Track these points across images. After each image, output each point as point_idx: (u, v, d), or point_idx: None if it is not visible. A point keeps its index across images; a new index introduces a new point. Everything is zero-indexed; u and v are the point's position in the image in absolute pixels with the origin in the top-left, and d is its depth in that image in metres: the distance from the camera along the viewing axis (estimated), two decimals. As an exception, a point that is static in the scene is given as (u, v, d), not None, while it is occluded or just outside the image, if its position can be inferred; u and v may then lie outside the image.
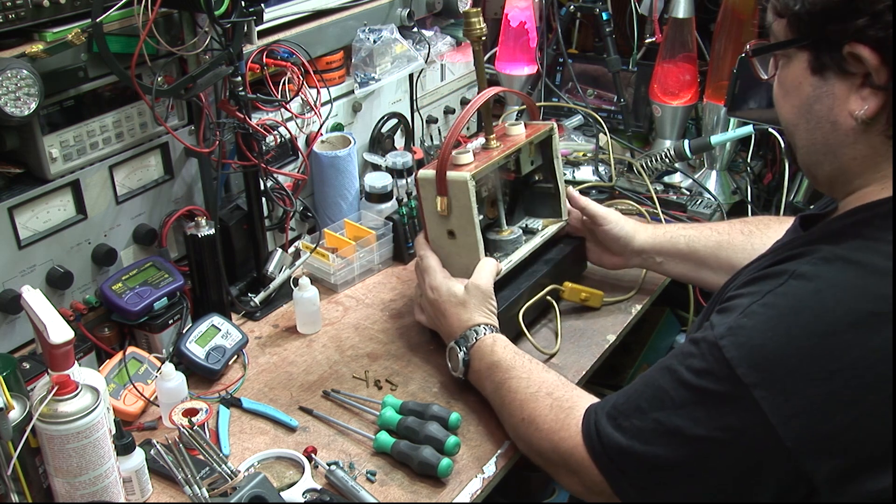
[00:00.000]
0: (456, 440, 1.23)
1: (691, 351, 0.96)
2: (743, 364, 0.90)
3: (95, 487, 1.07)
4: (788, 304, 0.91)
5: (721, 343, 0.92)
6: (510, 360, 1.27)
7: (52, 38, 1.23)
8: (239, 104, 1.47)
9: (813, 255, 0.93)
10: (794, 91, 0.98)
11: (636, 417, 1.00)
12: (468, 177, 1.35)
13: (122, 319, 1.40)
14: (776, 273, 0.94)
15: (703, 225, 1.56)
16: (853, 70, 0.90)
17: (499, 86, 1.47)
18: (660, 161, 1.92)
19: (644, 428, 0.98)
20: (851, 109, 0.92)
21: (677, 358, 0.99)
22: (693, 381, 0.94)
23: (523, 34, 2.16)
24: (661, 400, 0.98)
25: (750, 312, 0.92)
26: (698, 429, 0.93)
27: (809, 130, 0.98)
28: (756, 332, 0.91)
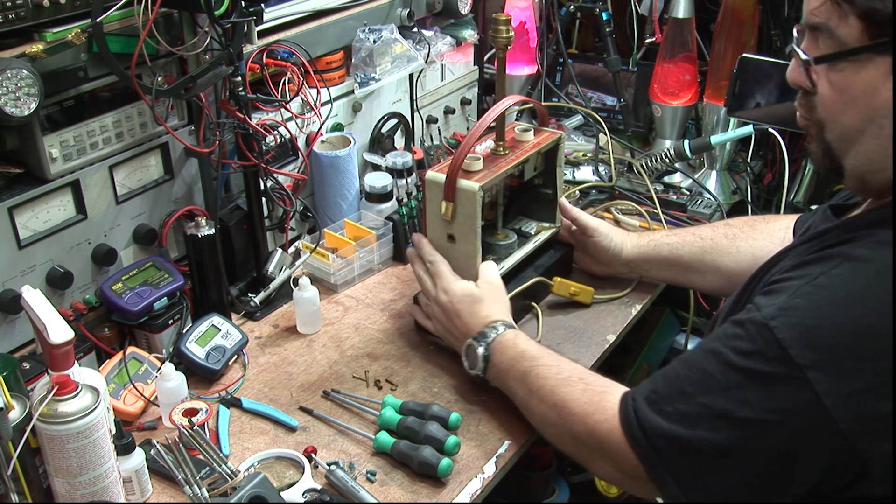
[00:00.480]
0: (456, 440, 1.23)
1: (736, 332, 0.94)
2: (796, 345, 0.88)
3: (95, 487, 1.07)
4: (844, 285, 0.89)
5: (772, 324, 0.90)
6: (536, 350, 1.25)
7: (52, 38, 1.23)
8: (239, 104, 1.47)
9: (869, 239, 0.91)
10: (863, 98, 0.91)
11: (680, 402, 0.97)
12: (477, 187, 1.35)
13: (122, 319, 1.40)
14: (829, 256, 0.92)
15: (687, 230, 1.57)
16: None
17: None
18: (660, 161, 1.92)
19: (689, 412, 0.95)
20: None
21: (720, 340, 0.96)
22: (741, 363, 0.92)
23: (523, 34, 2.16)
24: (707, 383, 0.95)
25: (803, 293, 0.90)
26: (747, 411, 0.91)
27: (880, 137, 0.92)
28: (810, 313, 0.89)
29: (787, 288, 0.93)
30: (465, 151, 1.36)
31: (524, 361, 1.24)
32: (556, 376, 1.18)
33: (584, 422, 1.10)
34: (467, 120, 2.19)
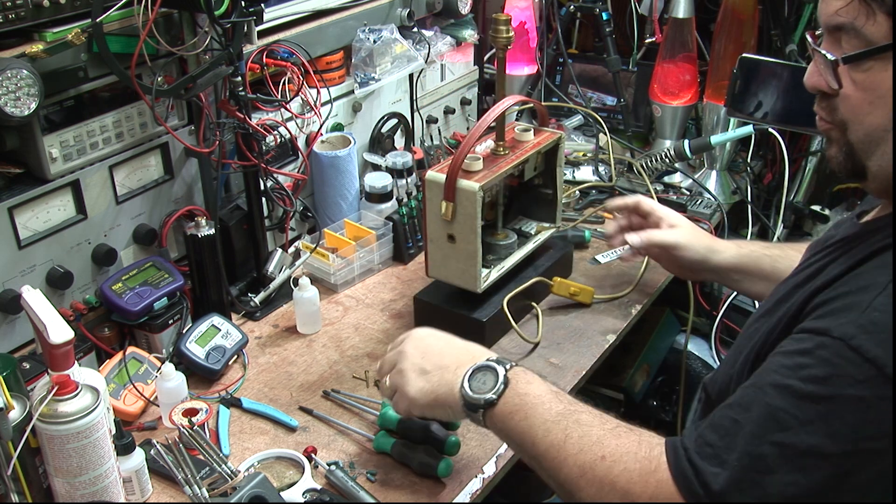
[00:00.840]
0: (456, 440, 1.23)
1: (802, 362, 0.86)
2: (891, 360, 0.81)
3: (95, 487, 1.07)
4: None
5: (854, 343, 0.82)
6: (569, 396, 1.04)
7: (52, 38, 1.23)
8: (239, 104, 1.47)
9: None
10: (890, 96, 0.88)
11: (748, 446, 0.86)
12: (477, 187, 1.35)
13: (122, 319, 1.40)
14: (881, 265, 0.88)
15: (788, 246, 1.48)
16: None
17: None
18: (660, 161, 1.92)
19: (763, 454, 0.85)
20: None
21: (779, 373, 0.87)
22: (821, 391, 0.83)
23: (523, 34, 2.16)
24: (779, 420, 0.85)
25: (878, 306, 0.84)
26: (838, 444, 0.83)
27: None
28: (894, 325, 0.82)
29: (854, 304, 0.86)
30: (465, 151, 1.36)
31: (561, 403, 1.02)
32: (601, 426, 0.99)
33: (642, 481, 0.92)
34: (467, 120, 2.19)
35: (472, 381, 1.07)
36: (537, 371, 1.09)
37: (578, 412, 1.01)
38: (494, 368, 1.06)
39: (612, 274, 1.69)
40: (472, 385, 1.06)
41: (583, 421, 0.99)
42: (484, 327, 1.45)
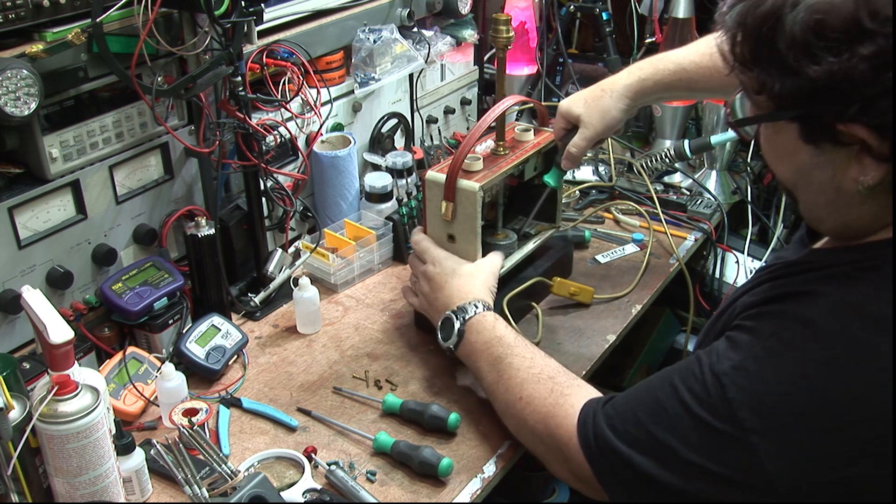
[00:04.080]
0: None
1: (695, 373, 0.95)
2: (744, 408, 0.89)
3: (95, 487, 1.07)
4: (793, 354, 0.89)
5: (723, 381, 0.91)
6: (512, 339, 1.26)
7: (52, 38, 1.23)
8: (239, 104, 1.47)
9: (819, 301, 0.90)
10: (787, 157, 0.93)
11: (632, 424, 0.99)
12: (477, 187, 1.35)
13: (122, 319, 1.40)
14: (782, 313, 0.92)
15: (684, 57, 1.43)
16: (849, 141, 0.85)
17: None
18: (660, 161, 1.92)
19: (638, 438, 0.98)
20: (854, 176, 0.87)
21: (680, 374, 0.97)
22: (693, 407, 0.93)
23: (523, 34, 2.16)
24: (659, 414, 0.96)
25: (754, 356, 0.91)
26: (693, 454, 0.92)
27: (811, 193, 0.94)
28: (759, 378, 0.89)
29: (743, 343, 0.93)
30: (465, 151, 1.36)
31: (499, 347, 1.25)
32: (527, 370, 1.20)
33: (545, 423, 1.12)
34: (467, 120, 2.19)
35: (441, 329, 1.35)
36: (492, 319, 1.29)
37: (512, 356, 1.22)
38: (452, 321, 1.32)
39: (612, 274, 1.69)
40: (442, 333, 1.35)
41: (514, 365, 1.21)
42: (484, 327, 1.45)
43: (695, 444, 0.92)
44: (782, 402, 0.87)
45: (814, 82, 0.82)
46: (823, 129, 0.86)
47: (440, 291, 1.38)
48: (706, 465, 0.91)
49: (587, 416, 1.06)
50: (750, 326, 0.94)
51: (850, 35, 0.80)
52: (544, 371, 1.19)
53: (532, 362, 1.21)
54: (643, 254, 1.75)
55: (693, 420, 0.93)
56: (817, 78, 0.82)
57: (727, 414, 0.90)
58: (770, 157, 0.97)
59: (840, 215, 0.93)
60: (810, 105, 0.85)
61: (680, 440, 0.93)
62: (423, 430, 1.29)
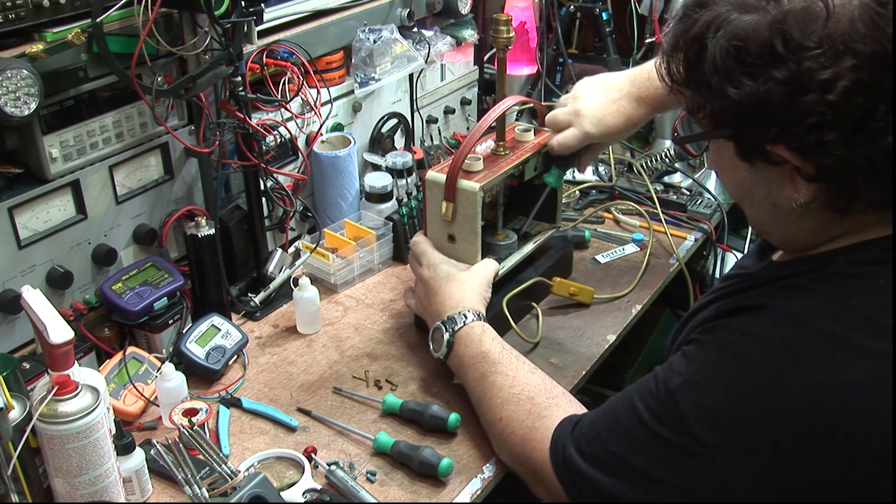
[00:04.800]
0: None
1: (651, 391, 0.97)
2: (698, 423, 0.91)
3: (95, 487, 1.07)
4: (741, 366, 0.90)
5: (676, 397, 0.93)
6: (497, 355, 1.25)
7: (52, 38, 1.23)
8: (239, 104, 1.47)
9: (766, 313, 0.92)
10: (729, 173, 0.98)
11: (596, 445, 1.01)
12: (477, 188, 1.35)
13: (122, 319, 1.40)
14: (731, 326, 0.94)
15: None
16: (780, 161, 0.88)
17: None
18: (660, 161, 1.92)
19: (604, 458, 0.99)
20: (788, 195, 0.91)
21: (640, 393, 0.99)
22: (651, 424, 0.95)
23: (523, 34, 2.16)
24: (620, 434, 0.98)
25: (703, 370, 0.93)
26: (656, 472, 0.94)
27: (754, 207, 0.98)
28: (709, 392, 0.91)
29: (693, 356, 0.95)
30: (466, 151, 1.36)
31: (484, 363, 1.25)
32: (508, 389, 1.20)
33: (522, 445, 1.14)
34: (467, 120, 2.19)
35: (432, 339, 1.36)
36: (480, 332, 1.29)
37: (495, 374, 1.23)
38: (442, 332, 1.32)
39: (612, 274, 1.69)
40: (432, 343, 1.36)
41: (496, 384, 1.22)
42: (484, 327, 1.45)
43: (656, 460, 0.94)
44: (732, 414, 0.89)
45: (737, 104, 0.86)
46: (754, 149, 0.90)
47: (434, 297, 1.38)
48: (669, 479, 0.93)
49: (558, 439, 1.08)
50: (701, 340, 0.96)
51: (764, 60, 0.84)
52: (525, 391, 1.19)
53: (514, 381, 1.21)
54: (643, 254, 1.75)
55: (652, 437, 0.95)
56: (739, 101, 0.86)
57: (683, 429, 0.92)
58: (717, 172, 1.02)
59: (782, 229, 0.97)
60: (738, 126, 0.89)
61: (642, 457, 0.95)
62: (423, 430, 1.29)
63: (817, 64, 0.81)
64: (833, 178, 0.86)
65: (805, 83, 0.82)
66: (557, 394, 1.19)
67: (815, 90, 0.82)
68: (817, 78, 0.81)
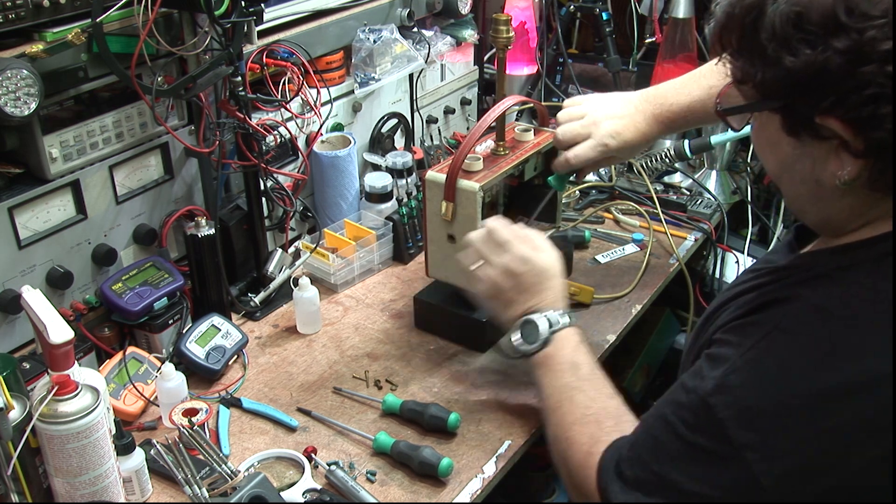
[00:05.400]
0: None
1: (682, 402, 0.96)
2: (734, 425, 0.89)
3: (95, 487, 1.07)
4: (775, 361, 0.90)
5: (711, 401, 0.91)
6: (588, 371, 1.19)
7: (52, 38, 1.23)
8: (239, 104, 1.47)
9: (796, 304, 0.91)
10: (771, 148, 0.96)
11: (638, 468, 0.98)
12: (477, 187, 1.35)
13: (122, 319, 1.40)
14: (760, 322, 0.93)
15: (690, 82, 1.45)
16: (828, 135, 0.87)
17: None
18: (660, 161, 1.92)
19: (645, 479, 0.97)
20: (833, 171, 0.89)
21: (671, 407, 0.97)
22: (687, 436, 0.93)
23: (523, 34, 2.16)
24: (658, 451, 0.97)
25: (736, 370, 0.91)
26: (694, 485, 0.92)
27: (794, 184, 0.96)
28: (745, 392, 0.90)
29: (724, 357, 0.93)
30: (465, 151, 1.36)
31: (572, 375, 1.18)
32: (584, 410, 1.14)
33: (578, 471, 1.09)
34: (467, 120, 2.19)
35: (523, 328, 1.25)
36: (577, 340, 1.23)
37: (578, 390, 1.16)
38: (537, 326, 1.23)
39: (612, 274, 1.69)
40: (522, 331, 1.25)
41: (575, 400, 1.15)
42: (484, 327, 1.45)
43: (693, 472, 0.92)
44: (769, 413, 0.88)
45: (792, 73, 0.85)
46: (803, 122, 0.88)
47: (526, 293, 1.27)
48: (705, 491, 0.91)
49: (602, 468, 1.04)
50: (729, 340, 0.95)
51: (826, 29, 0.82)
52: (597, 415, 1.13)
53: (592, 402, 1.15)
54: (643, 254, 1.75)
55: (688, 448, 0.93)
56: (794, 69, 0.84)
57: (718, 434, 0.90)
58: (758, 148, 1.00)
59: (821, 208, 0.95)
60: (789, 96, 0.88)
61: (680, 472, 0.93)
62: (423, 430, 1.29)
63: (881, 34, 0.80)
64: (881, 154, 0.85)
65: (866, 53, 0.81)
66: (625, 421, 1.11)
67: (876, 61, 0.80)
68: (879, 49, 0.80)
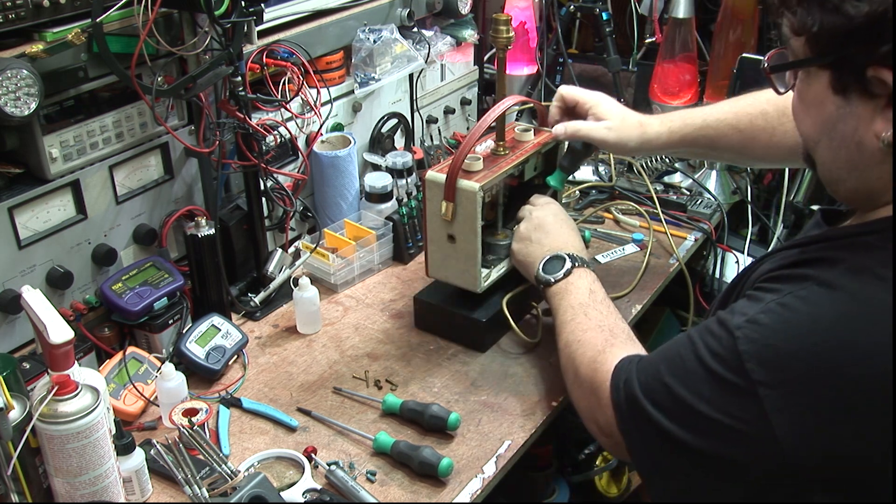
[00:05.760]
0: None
1: (712, 330, 0.97)
2: (752, 360, 0.90)
3: (95, 487, 1.07)
4: (808, 309, 0.90)
5: (736, 334, 0.92)
6: (602, 297, 1.32)
7: (52, 38, 1.23)
8: (239, 104, 1.47)
9: (838, 265, 0.91)
10: (815, 108, 0.95)
11: (653, 378, 1.02)
12: (477, 187, 1.35)
13: (122, 319, 1.40)
14: (799, 276, 0.94)
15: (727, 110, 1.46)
16: (878, 91, 0.87)
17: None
18: (660, 161, 1.92)
19: (658, 390, 1.01)
20: (877, 131, 0.88)
21: (699, 331, 0.99)
22: (707, 360, 0.95)
23: (523, 34, 2.16)
24: (676, 366, 0.99)
25: (768, 310, 0.92)
26: (703, 406, 0.94)
27: (832, 149, 0.95)
28: (771, 331, 0.91)
29: (759, 299, 0.95)
30: (466, 151, 1.36)
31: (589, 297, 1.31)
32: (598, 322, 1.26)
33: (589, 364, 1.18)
34: (467, 120, 2.19)
35: (547, 264, 1.39)
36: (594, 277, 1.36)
37: (593, 308, 1.29)
38: (564, 260, 1.37)
39: (612, 274, 1.69)
40: (545, 267, 1.39)
41: (589, 314, 1.28)
42: (484, 327, 1.45)
43: (706, 396, 0.94)
44: (791, 355, 0.89)
45: (852, 22, 0.85)
46: (853, 76, 0.88)
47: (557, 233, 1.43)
48: (713, 415, 0.93)
49: (622, 365, 1.10)
50: (769, 287, 0.96)
51: None
52: (612, 328, 1.24)
53: (606, 318, 1.27)
54: (643, 254, 1.75)
55: (706, 373, 0.95)
56: (856, 17, 0.84)
57: (737, 366, 0.91)
58: (799, 110, 0.99)
59: (858, 175, 0.94)
60: (845, 47, 0.87)
61: (693, 393, 0.96)
62: (423, 430, 1.29)
63: None
64: None
65: None
66: (636, 340, 1.23)
67: None
68: None
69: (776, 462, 0.90)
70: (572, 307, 1.30)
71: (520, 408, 1.35)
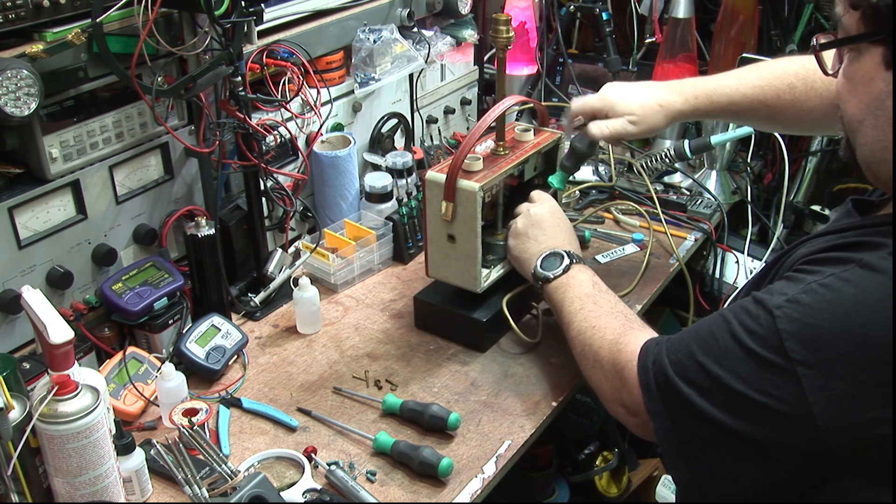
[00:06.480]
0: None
1: (749, 309, 0.96)
2: (792, 339, 0.90)
3: (95, 487, 1.07)
4: (851, 290, 0.90)
5: (776, 313, 0.92)
6: (605, 288, 1.33)
7: (52, 38, 1.23)
8: (239, 104, 1.47)
9: (882, 249, 0.91)
10: (863, 86, 0.94)
11: (684, 355, 1.01)
12: (477, 187, 1.35)
13: (122, 319, 1.40)
14: (842, 259, 0.93)
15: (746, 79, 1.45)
16: None
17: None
18: (660, 161, 1.92)
19: (689, 367, 1.00)
20: None
21: (734, 311, 0.99)
22: (743, 339, 0.94)
23: (523, 34, 2.16)
24: (710, 345, 0.98)
25: (810, 290, 0.92)
26: (737, 383, 0.94)
27: (878, 128, 0.94)
28: (812, 311, 0.90)
29: (800, 280, 0.94)
30: (465, 151, 1.36)
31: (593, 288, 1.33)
32: (609, 309, 1.27)
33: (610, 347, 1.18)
34: (467, 120, 2.19)
35: (545, 261, 1.40)
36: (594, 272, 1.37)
37: (601, 297, 1.30)
38: (563, 257, 1.38)
39: (612, 274, 1.69)
40: (543, 264, 1.40)
41: (598, 302, 1.29)
42: (484, 327, 1.45)
43: (741, 373, 0.94)
44: (832, 336, 0.88)
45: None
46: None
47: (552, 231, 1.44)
48: (749, 393, 0.92)
49: (650, 345, 1.10)
50: (809, 269, 0.95)
51: None
52: (626, 313, 1.26)
53: (615, 306, 1.28)
54: (643, 254, 1.75)
55: (743, 351, 0.94)
56: None
57: (775, 345, 0.91)
58: (846, 89, 0.98)
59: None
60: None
61: (726, 370, 0.95)
62: (423, 430, 1.29)
63: None
64: None
65: None
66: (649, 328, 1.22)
67: None
68: None
69: (811, 443, 0.89)
70: (579, 298, 1.31)
71: (520, 408, 1.35)
